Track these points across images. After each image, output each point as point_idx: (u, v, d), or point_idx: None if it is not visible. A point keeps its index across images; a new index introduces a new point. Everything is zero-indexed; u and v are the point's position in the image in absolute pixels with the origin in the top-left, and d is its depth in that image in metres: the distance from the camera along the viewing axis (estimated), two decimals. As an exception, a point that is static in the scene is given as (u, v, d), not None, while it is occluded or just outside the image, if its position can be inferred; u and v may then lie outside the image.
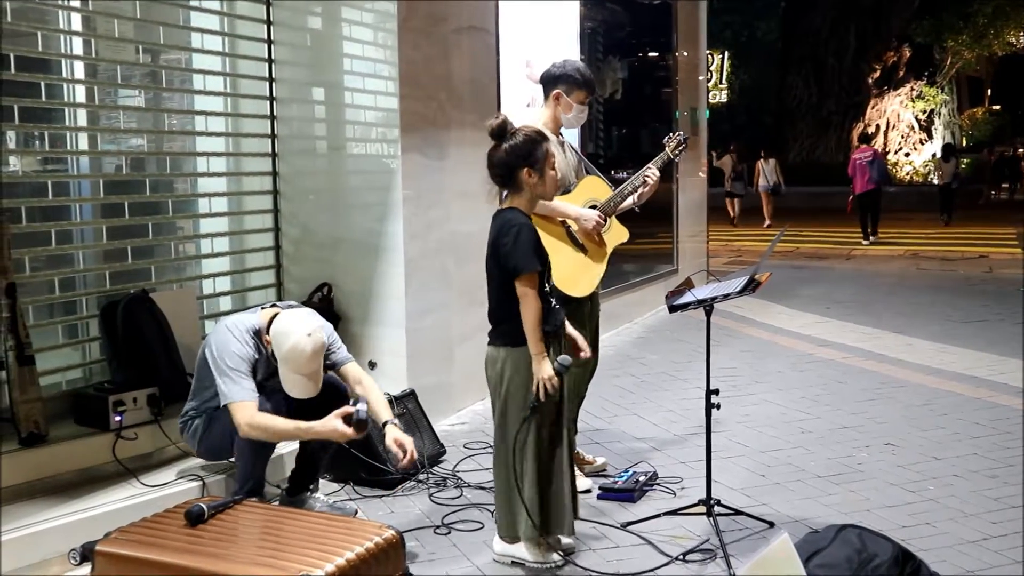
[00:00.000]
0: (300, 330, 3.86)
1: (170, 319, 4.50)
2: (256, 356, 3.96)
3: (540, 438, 3.66)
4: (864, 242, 16.84)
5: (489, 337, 3.77)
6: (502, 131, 3.67)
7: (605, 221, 4.49)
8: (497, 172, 3.70)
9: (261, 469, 4.01)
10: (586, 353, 4.07)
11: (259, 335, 3.99)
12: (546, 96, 4.55)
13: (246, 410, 3.79)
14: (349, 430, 3.73)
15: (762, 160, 20.30)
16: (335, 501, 4.34)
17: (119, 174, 4.97)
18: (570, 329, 3.99)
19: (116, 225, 4.73)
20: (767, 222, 19.99)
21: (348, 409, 3.76)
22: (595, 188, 4.61)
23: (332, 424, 3.75)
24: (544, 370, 3.56)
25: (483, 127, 3.70)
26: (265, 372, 4.04)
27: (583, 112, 4.55)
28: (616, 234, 4.61)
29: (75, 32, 4.63)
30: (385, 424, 3.97)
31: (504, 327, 3.68)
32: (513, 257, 3.57)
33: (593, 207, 4.52)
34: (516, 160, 3.64)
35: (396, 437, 3.88)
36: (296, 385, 3.90)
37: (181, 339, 4.57)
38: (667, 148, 4.71)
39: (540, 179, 3.67)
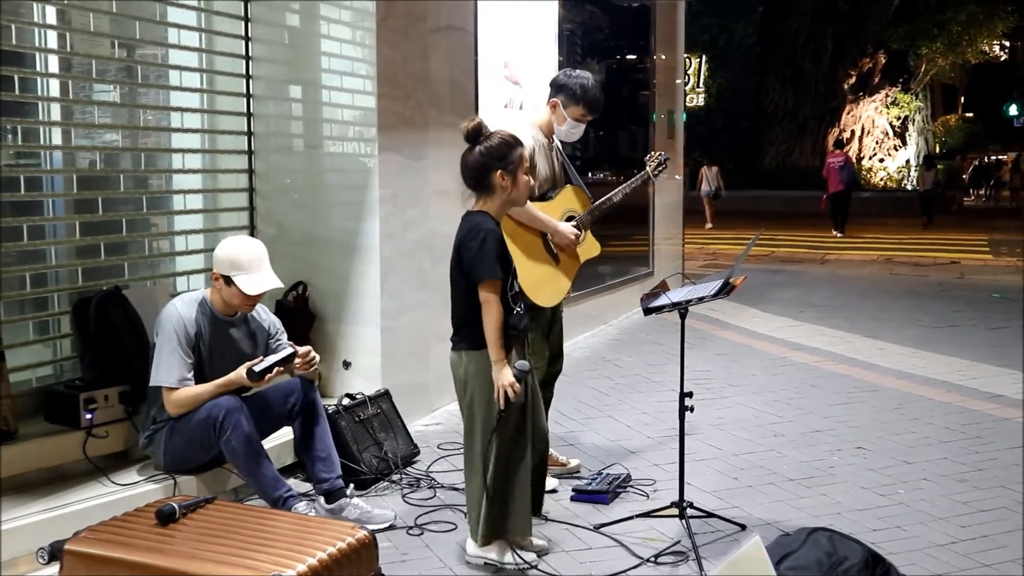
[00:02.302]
0: (229, 240, 4.18)
1: (143, 316, 4.45)
2: (196, 325, 4.09)
3: (504, 441, 3.66)
4: (835, 233, 18.82)
5: (452, 341, 3.77)
6: (477, 133, 3.65)
7: (581, 236, 4.52)
8: (470, 174, 3.67)
9: (263, 467, 4.02)
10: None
11: (206, 302, 4.16)
12: (549, 99, 4.57)
13: (171, 400, 3.99)
14: (245, 377, 3.98)
15: (705, 167, 21.12)
16: (372, 508, 4.27)
17: (93, 169, 4.92)
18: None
19: (89, 221, 4.69)
20: (708, 224, 20.81)
21: (255, 361, 4.03)
22: (574, 199, 4.61)
23: (237, 372, 4.01)
24: (504, 377, 3.54)
25: (460, 128, 3.69)
26: (211, 337, 4.13)
27: (576, 128, 4.55)
28: (589, 247, 4.64)
29: (50, 25, 4.59)
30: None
31: (466, 331, 3.68)
32: (477, 263, 3.55)
33: (571, 218, 4.53)
34: (490, 161, 3.62)
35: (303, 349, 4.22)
36: (258, 281, 4.09)
37: (154, 337, 4.53)
38: (648, 167, 4.75)
39: (513, 183, 3.66)
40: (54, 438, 4.08)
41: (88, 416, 4.09)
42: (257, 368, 3.97)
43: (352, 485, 4.32)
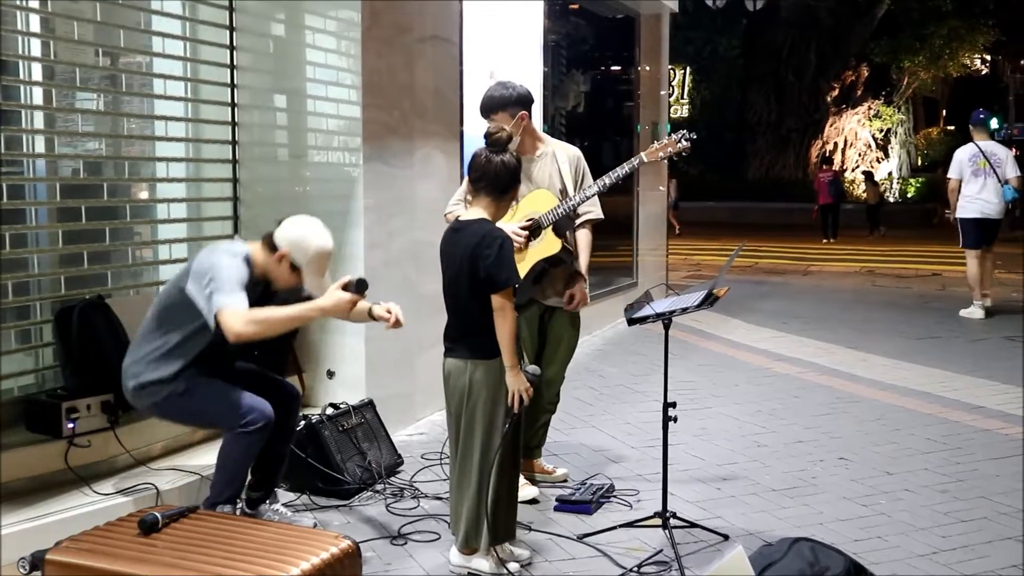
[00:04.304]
0: (317, 232, 3.89)
1: (126, 325, 4.44)
2: (247, 280, 3.78)
3: (506, 448, 3.69)
4: (825, 240, 20.19)
5: (452, 349, 3.76)
6: (508, 143, 3.75)
7: (527, 238, 4.34)
8: (506, 176, 3.71)
9: (246, 473, 4.01)
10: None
11: (250, 261, 3.86)
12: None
13: (241, 312, 3.62)
14: (350, 295, 3.71)
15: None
16: (294, 513, 4.30)
17: (76, 178, 4.91)
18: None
19: (72, 229, 4.67)
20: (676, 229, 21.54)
21: (345, 279, 3.75)
22: (539, 202, 4.45)
23: (335, 295, 3.71)
24: (521, 381, 3.61)
25: (446, 137, 3.73)
26: (252, 298, 3.81)
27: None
28: (544, 247, 4.41)
29: (33, 33, 4.57)
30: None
31: (474, 340, 3.68)
32: (497, 269, 3.57)
33: (530, 220, 4.37)
34: (519, 175, 3.78)
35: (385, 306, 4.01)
36: (316, 287, 3.86)
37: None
38: (642, 152, 4.55)
39: (514, 201, 3.83)
40: (35, 447, 4.06)
41: (70, 425, 4.06)
42: (358, 278, 3.75)
43: (276, 492, 4.32)
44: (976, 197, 9.73)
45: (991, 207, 9.72)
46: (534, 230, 4.39)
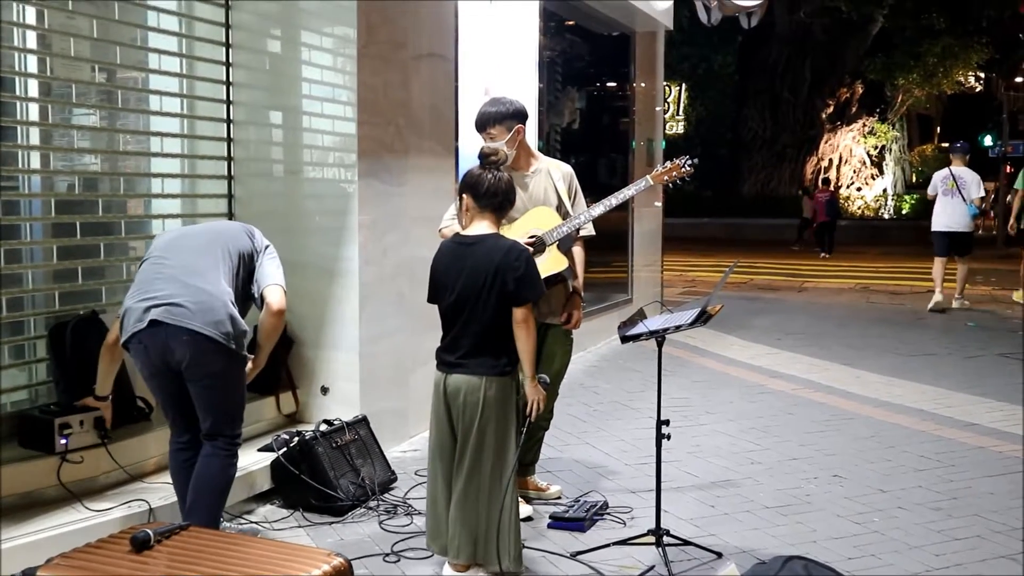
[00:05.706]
0: None
1: (120, 341, 4.44)
2: None
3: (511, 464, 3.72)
4: (822, 254, 21.01)
5: (461, 365, 3.72)
6: (503, 164, 3.87)
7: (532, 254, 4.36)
8: (509, 197, 3.84)
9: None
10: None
11: None
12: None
13: (284, 298, 4.05)
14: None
15: None
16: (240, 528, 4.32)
17: (71, 193, 4.91)
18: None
19: (67, 245, 4.67)
20: None
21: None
22: (539, 219, 4.46)
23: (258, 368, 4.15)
24: (540, 390, 3.71)
25: (441, 153, 3.78)
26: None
27: (499, 143, 4.45)
28: (552, 263, 4.39)
29: (30, 50, 4.58)
30: None
31: (493, 357, 3.69)
32: (528, 284, 3.64)
33: (533, 237, 4.39)
34: None
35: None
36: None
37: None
38: (648, 175, 4.59)
39: None
40: (28, 463, 4.05)
41: (63, 441, 4.06)
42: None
43: None
44: (943, 213, 11.71)
45: (956, 222, 11.66)
46: (538, 246, 4.40)
